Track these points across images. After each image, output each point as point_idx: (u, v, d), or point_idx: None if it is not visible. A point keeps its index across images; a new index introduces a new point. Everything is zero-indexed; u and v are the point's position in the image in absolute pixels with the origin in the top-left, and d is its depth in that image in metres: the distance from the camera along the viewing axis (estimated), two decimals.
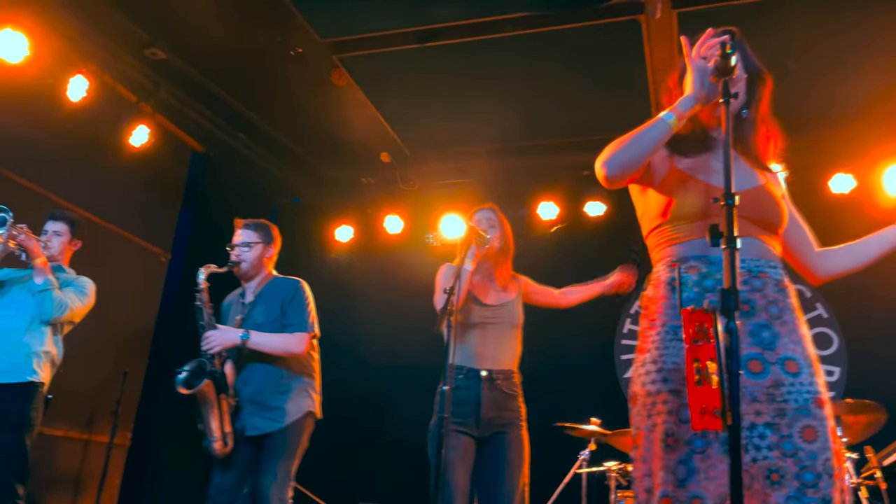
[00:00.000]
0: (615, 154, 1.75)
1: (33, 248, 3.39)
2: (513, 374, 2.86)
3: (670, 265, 1.75)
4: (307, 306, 3.26)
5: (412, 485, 4.82)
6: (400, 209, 6.04)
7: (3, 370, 3.30)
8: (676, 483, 1.55)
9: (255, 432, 3.14)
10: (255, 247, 3.34)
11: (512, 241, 3.09)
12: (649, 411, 1.64)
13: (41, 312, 3.39)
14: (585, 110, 5.01)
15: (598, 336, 5.44)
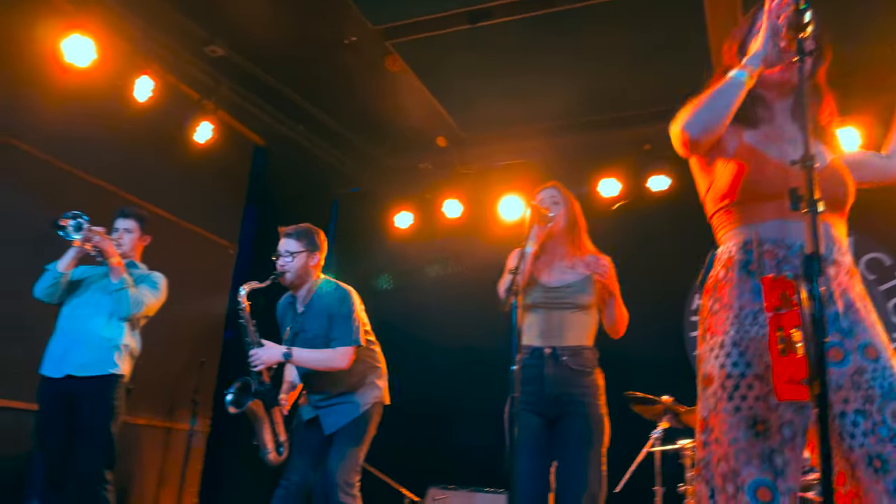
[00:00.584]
0: (695, 116, 1.69)
1: (108, 249, 3.51)
2: (583, 350, 2.78)
3: (745, 246, 1.68)
4: (351, 315, 3.27)
5: (483, 468, 4.84)
6: (458, 193, 6.03)
7: (87, 364, 3.44)
8: (776, 473, 1.51)
9: (333, 429, 3.26)
10: (298, 256, 3.33)
11: (581, 218, 3.01)
12: (730, 394, 1.58)
13: (118, 310, 3.53)
14: (644, 82, 4.89)
15: (666, 312, 5.33)
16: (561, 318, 2.79)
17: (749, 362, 1.57)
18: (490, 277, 3.05)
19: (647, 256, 5.19)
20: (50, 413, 3.41)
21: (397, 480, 4.88)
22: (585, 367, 2.76)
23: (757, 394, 1.55)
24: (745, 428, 1.53)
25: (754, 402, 1.54)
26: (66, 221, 3.38)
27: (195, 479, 5.11)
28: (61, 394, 3.41)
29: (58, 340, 3.53)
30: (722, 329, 1.64)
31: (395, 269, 6.28)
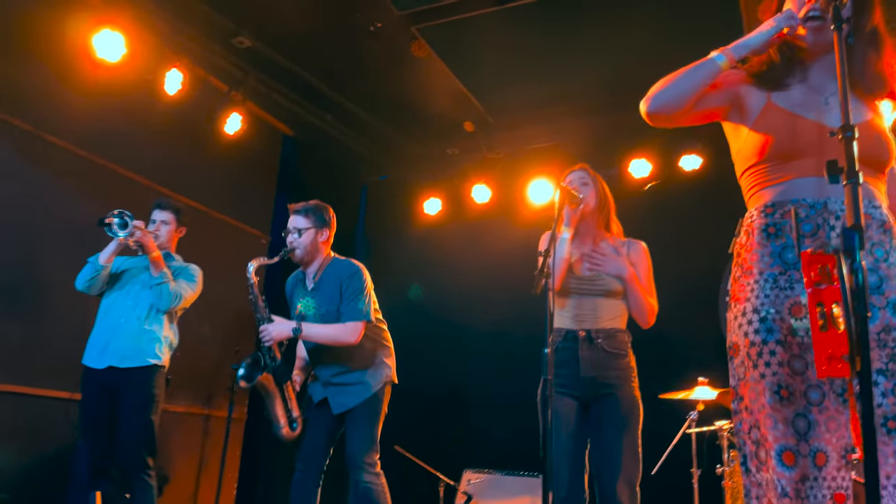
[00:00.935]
0: (658, 92, 1.74)
1: (149, 244, 3.58)
2: (617, 333, 2.76)
3: (766, 210, 1.67)
4: (362, 292, 3.26)
5: (517, 450, 4.85)
6: (487, 178, 6.01)
7: (128, 355, 3.53)
8: (798, 436, 1.50)
9: (342, 409, 3.26)
10: (306, 232, 3.33)
11: (610, 199, 2.97)
12: (755, 362, 1.58)
13: (158, 303, 3.60)
14: (674, 59, 4.75)
15: (702, 293, 5.25)
16: (594, 303, 2.78)
17: (770, 329, 1.57)
18: (520, 261, 3.04)
19: (681, 237, 5.12)
20: (92, 403, 3.51)
21: (432, 465, 4.91)
22: (620, 349, 2.74)
23: (779, 360, 1.54)
24: (770, 394, 1.54)
25: (778, 369, 1.54)
26: (111, 220, 3.47)
27: (234, 464, 5.21)
28: (103, 384, 3.50)
29: (99, 332, 3.62)
30: (744, 296, 1.64)
31: (424, 255, 6.28)
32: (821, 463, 1.48)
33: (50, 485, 4.05)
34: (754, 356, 1.58)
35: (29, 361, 4.08)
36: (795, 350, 1.54)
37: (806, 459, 1.48)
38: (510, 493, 4.82)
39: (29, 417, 4.07)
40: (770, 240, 1.62)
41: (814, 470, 1.48)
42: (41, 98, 4.25)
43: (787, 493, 1.49)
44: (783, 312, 1.56)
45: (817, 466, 1.48)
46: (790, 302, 1.57)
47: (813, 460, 1.48)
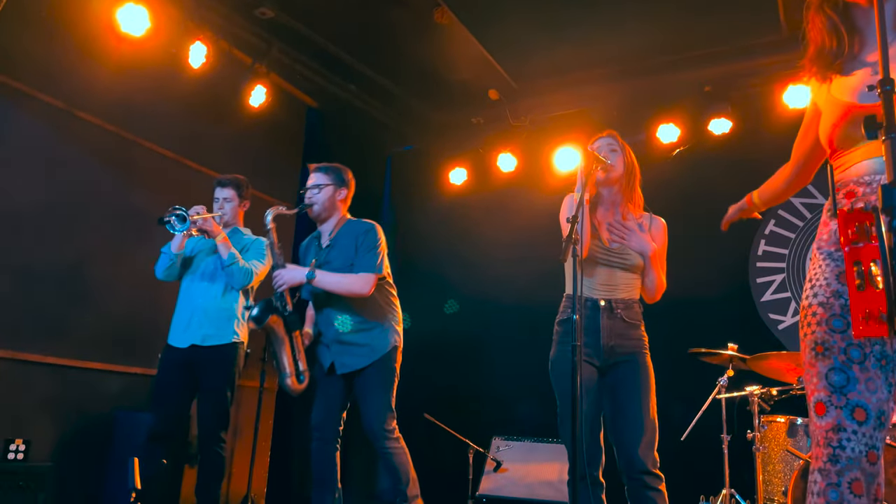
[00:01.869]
0: None
1: (212, 230, 3.64)
2: (634, 303, 2.79)
3: (833, 191, 1.73)
4: (376, 248, 3.27)
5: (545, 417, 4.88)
6: (512, 146, 5.95)
7: (209, 335, 3.65)
8: (832, 389, 1.57)
9: (345, 370, 3.26)
10: (325, 189, 3.37)
11: (636, 168, 2.93)
12: (803, 323, 1.68)
13: (232, 282, 3.70)
14: (702, 22, 4.68)
15: (732, 259, 5.19)
16: (614, 273, 2.81)
17: (816, 293, 1.66)
18: (547, 229, 3.01)
19: (711, 202, 5.00)
20: (171, 379, 3.63)
21: (461, 432, 4.96)
22: (636, 320, 2.79)
23: (819, 319, 1.63)
24: (809, 351, 1.64)
25: (816, 327, 1.63)
26: (170, 219, 3.54)
27: (267, 434, 5.31)
28: (184, 360, 3.63)
29: (181, 313, 3.75)
30: (811, 269, 1.74)
31: (450, 224, 6.27)
32: (860, 418, 1.53)
33: (92, 453, 4.17)
34: (803, 318, 1.69)
35: (68, 334, 4.18)
36: (837, 311, 1.60)
37: (840, 411, 1.54)
38: (539, 460, 4.86)
39: (69, 388, 4.18)
40: (832, 219, 1.69)
41: (851, 423, 1.53)
42: (68, 73, 4.29)
43: (818, 442, 1.58)
44: (830, 278, 1.64)
45: (856, 420, 1.53)
46: (838, 270, 1.64)
47: (851, 413, 1.54)
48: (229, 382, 3.65)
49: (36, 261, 4.08)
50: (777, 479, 3.77)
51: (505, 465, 4.90)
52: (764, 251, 5.17)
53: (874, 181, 1.63)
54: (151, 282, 4.12)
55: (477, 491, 4.84)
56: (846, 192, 1.67)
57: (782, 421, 3.77)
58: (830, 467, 1.53)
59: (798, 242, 5.08)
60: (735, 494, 3.89)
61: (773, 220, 5.17)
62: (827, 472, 1.53)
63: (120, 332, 4.44)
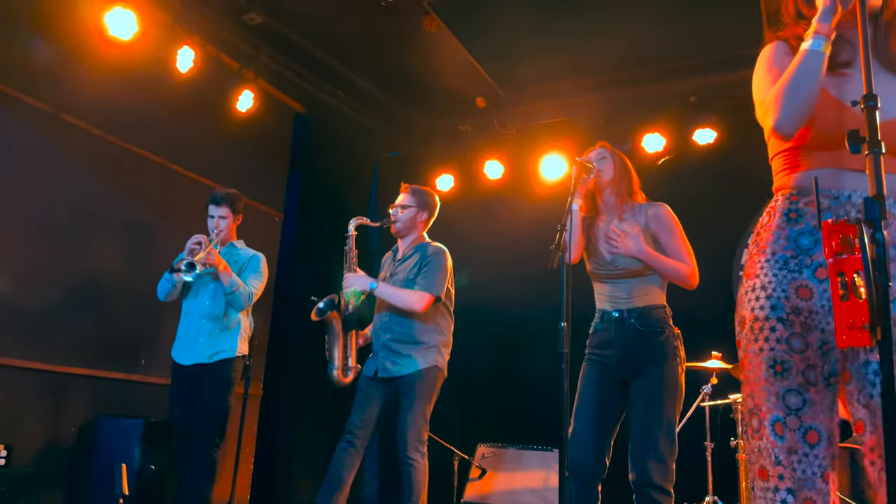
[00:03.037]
0: (783, 110, 1.59)
1: (214, 262, 3.73)
2: (652, 310, 2.74)
3: (790, 197, 1.67)
4: (439, 270, 3.51)
5: (530, 425, 4.89)
6: (499, 154, 5.99)
7: (213, 353, 3.76)
8: (787, 411, 1.56)
9: (385, 374, 3.46)
10: (408, 209, 3.69)
11: (631, 169, 2.93)
12: (756, 336, 1.63)
13: (234, 306, 3.83)
14: (688, 33, 4.75)
15: (715, 268, 5.24)
16: (625, 283, 2.78)
17: (774, 305, 1.61)
18: (534, 237, 3.04)
19: (694, 212, 5.06)
20: (179, 394, 3.77)
21: (446, 439, 4.96)
22: (655, 327, 2.72)
23: (778, 336, 1.59)
24: (765, 367, 1.60)
25: (775, 344, 1.59)
26: (181, 270, 3.65)
27: (251, 440, 5.28)
28: (190, 378, 3.76)
29: (184, 332, 3.85)
30: (754, 273, 1.68)
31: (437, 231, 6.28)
32: (812, 441, 1.54)
33: (75, 459, 4.13)
34: (756, 330, 1.63)
35: (50, 339, 4.14)
36: (797, 329, 1.58)
37: (794, 434, 1.55)
38: (524, 467, 4.87)
39: (52, 394, 4.14)
40: (789, 224, 1.65)
41: (804, 446, 1.54)
42: (55, 77, 4.26)
43: (780, 461, 1.56)
44: (789, 292, 1.60)
45: (808, 444, 1.54)
46: (796, 284, 1.60)
47: (804, 436, 1.54)
48: (226, 389, 3.78)
49: (17, 265, 4.04)
50: None
51: (490, 472, 4.91)
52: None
53: (842, 196, 1.60)
54: (136, 287, 4.11)
55: (462, 498, 4.84)
56: (808, 202, 1.63)
57: None
58: (782, 485, 1.55)
59: None
60: (718, 502, 3.93)
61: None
62: (778, 489, 1.55)
63: (103, 338, 4.40)
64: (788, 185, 1.69)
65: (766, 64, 1.75)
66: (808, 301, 1.58)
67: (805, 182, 1.66)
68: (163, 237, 4.66)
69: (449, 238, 6.24)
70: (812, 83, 1.58)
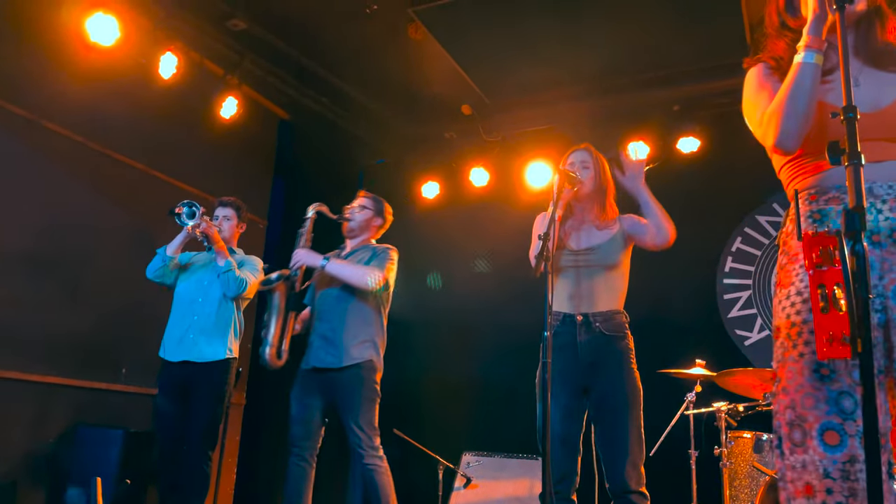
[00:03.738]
0: (783, 127, 1.60)
1: (214, 235, 3.73)
2: (614, 315, 2.77)
3: (809, 197, 1.66)
4: (388, 261, 3.47)
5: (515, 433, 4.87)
6: (485, 161, 5.98)
7: (204, 351, 3.68)
8: (844, 416, 1.47)
9: (319, 364, 3.36)
10: (365, 211, 3.63)
11: (610, 180, 2.98)
12: (794, 342, 1.56)
13: (227, 290, 3.75)
14: (673, 41, 4.77)
15: (699, 276, 5.27)
16: (591, 281, 2.77)
17: (812, 308, 1.53)
18: (519, 245, 3.03)
19: (679, 219, 5.08)
20: (169, 398, 3.66)
21: (431, 448, 4.93)
22: (618, 332, 2.74)
23: None
24: (809, 373, 1.51)
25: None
26: (180, 209, 3.64)
27: (234, 449, 5.23)
28: (178, 379, 3.66)
29: (174, 326, 3.76)
30: (789, 281, 1.63)
31: (422, 239, 6.27)
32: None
33: (53, 470, 4.07)
34: (794, 336, 1.57)
35: (29, 348, 4.08)
36: None
37: (853, 440, 1.45)
38: (509, 475, 4.85)
39: (30, 403, 4.08)
40: (815, 225, 1.62)
41: (863, 452, 1.43)
42: (36, 83, 4.22)
43: (829, 474, 1.46)
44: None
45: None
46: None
47: (860, 441, 1.44)
48: (220, 399, 3.68)
49: None
50: (744, 494, 3.81)
51: (475, 481, 4.88)
52: (731, 268, 5.25)
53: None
54: (116, 294, 4.06)
55: None
56: (828, 199, 1.63)
57: (748, 437, 3.82)
58: (852, 501, 1.42)
59: (764, 260, 5.17)
60: None
61: (739, 238, 5.26)
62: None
63: (83, 346, 4.34)
64: (806, 187, 1.68)
65: (756, 83, 1.76)
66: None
67: (823, 182, 1.64)
68: (145, 245, 4.61)
69: (434, 245, 6.27)
70: (808, 97, 1.59)
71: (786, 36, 1.77)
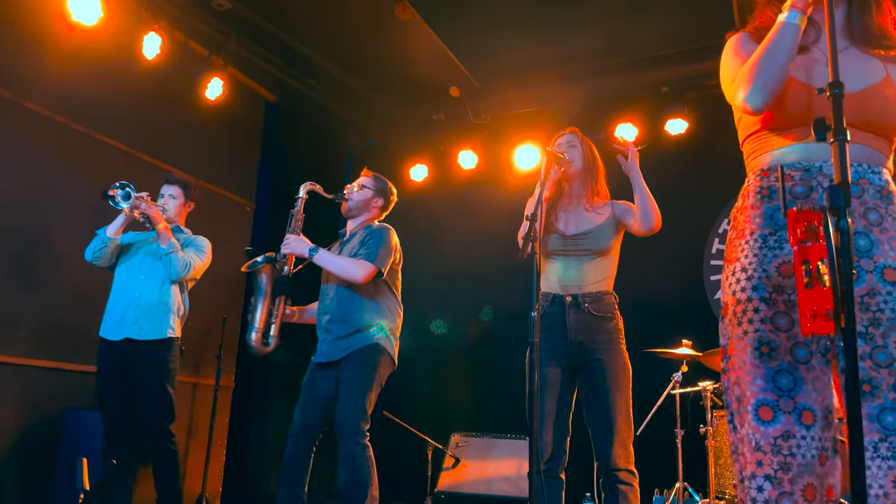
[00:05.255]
0: (755, 82, 1.59)
1: (154, 216, 3.65)
2: (604, 296, 2.78)
3: (761, 174, 1.67)
4: (382, 244, 3.30)
5: (503, 413, 4.90)
6: (473, 143, 5.96)
7: (144, 329, 3.63)
8: (779, 393, 1.51)
9: (323, 359, 3.27)
10: (365, 191, 3.48)
11: (598, 162, 2.97)
12: (739, 319, 1.59)
13: (169, 273, 3.69)
14: (660, 23, 4.76)
15: (686, 257, 5.30)
16: (580, 265, 2.79)
17: (756, 286, 1.58)
18: (508, 227, 3.03)
19: (666, 201, 5.08)
20: (108, 375, 3.62)
21: (420, 429, 4.96)
22: (607, 312, 2.76)
23: (762, 316, 1.56)
24: (751, 350, 1.55)
25: (760, 325, 1.55)
26: (114, 191, 3.55)
27: (223, 432, 5.22)
28: (119, 356, 3.61)
29: (114, 304, 3.71)
30: (734, 257, 1.65)
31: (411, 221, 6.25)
32: (808, 422, 1.49)
33: (41, 454, 4.05)
34: (739, 313, 1.59)
35: (15, 332, 4.05)
36: (781, 307, 1.54)
37: (790, 416, 1.49)
38: (497, 456, 4.89)
39: (17, 387, 4.05)
40: (763, 202, 1.63)
41: (800, 428, 1.48)
42: (16, 62, 4.15)
43: (760, 447, 1.50)
44: (770, 270, 1.57)
45: (804, 425, 1.49)
46: (778, 261, 1.58)
47: (799, 418, 1.49)
48: (168, 376, 3.66)
49: None
50: (728, 472, 3.86)
51: (463, 461, 4.92)
52: (717, 249, 5.27)
53: (813, 167, 1.59)
54: (101, 278, 4.02)
55: (436, 488, 4.85)
56: (777, 177, 1.62)
57: None
58: (782, 475, 1.47)
59: None
60: (688, 488, 3.97)
61: (726, 220, 5.29)
62: (779, 480, 1.47)
63: (69, 329, 4.31)
64: (758, 165, 1.69)
65: (733, 49, 1.77)
66: (790, 278, 1.55)
67: (776, 160, 1.66)
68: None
69: (423, 227, 6.26)
70: (786, 55, 1.58)
71: (774, 5, 1.76)
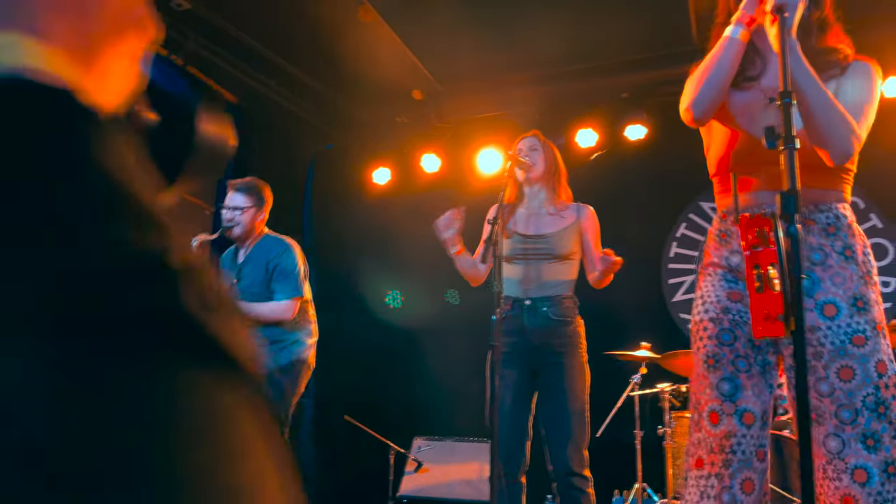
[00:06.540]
0: (697, 95, 1.72)
1: None
2: (563, 299, 2.81)
3: (721, 216, 1.85)
4: (294, 269, 3.27)
5: (466, 417, 4.92)
6: (436, 147, 5.97)
7: None
8: (723, 398, 1.70)
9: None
10: (247, 211, 3.36)
11: (560, 165, 3.00)
12: (695, 339, 1.82)
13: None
14: (621, 30, 4.83)
15: (645, 261, 5.38)
16: (539, 268, 2.81)
17: (707, 309, 1.79)
18: (469, 230, 3.04)
19: (625, 205, 5.22)
20: None
21: (382, 433, 4.94)
22: (566, 316, 2.78)
23: (710, 333, 1.76)
24: (701, 364, 1.76)
25: (707, 341, 1.76)
26: None
27: None
28: None
29: None
30: (698, 286, 1.87)
31: (373, 225, 6.23)
32: (749, 422, 1.66)
33: None
34: (695, 333, 1.81)
35: None
36: (726, 325, 1.73)
37: (731, 418, 1.66)
38: (460, 459, 4.89)
39: None
40: (721, 245, 1.81)
41: (741, 428, 1.65)
42: None
43: (713, 448, 1.68)
44: (721, 297, 1.77)
45: (745, 425, 1.66)
46: (728, 291, 1.76)
47: (740, 419, 1.66)
48: None
49: None
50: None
51: (426, 465, 4.91)
52: (675, 253, 5.37)
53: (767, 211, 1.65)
54: None
55: (397, 492, 4.83)
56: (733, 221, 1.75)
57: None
58: (724, 471, 1.63)
59: None
60: (647, 488, 4.03)
61: (684, 224, 5.39)
62: (721, 475, 1.63)
63: None
64: (721, 206, 1.87)
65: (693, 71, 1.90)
66: (737, 302, 1.74)
67: (732, 203, 1.76)
68: None
69: (386, 231, 6.24)
70: (725, 69, 1.70)
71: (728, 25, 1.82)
